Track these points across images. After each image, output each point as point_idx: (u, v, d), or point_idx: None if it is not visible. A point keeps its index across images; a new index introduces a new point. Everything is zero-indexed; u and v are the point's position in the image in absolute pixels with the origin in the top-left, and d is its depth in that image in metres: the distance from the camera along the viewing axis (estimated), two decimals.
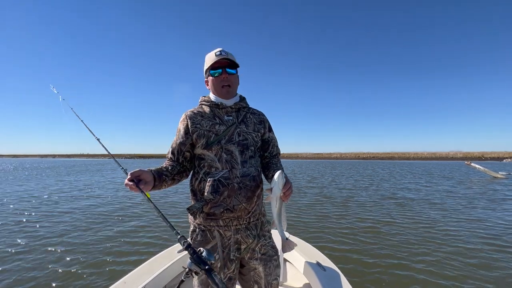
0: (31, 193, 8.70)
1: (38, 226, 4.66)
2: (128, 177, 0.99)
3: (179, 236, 0.90)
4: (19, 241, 3.85)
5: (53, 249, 3.52)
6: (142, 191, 0.98)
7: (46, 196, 7.97)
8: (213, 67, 1.18)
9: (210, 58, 1.18)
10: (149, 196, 1.01)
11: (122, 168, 1.22)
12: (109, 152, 1.43)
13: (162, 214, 0.97)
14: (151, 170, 1.06)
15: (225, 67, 1.18)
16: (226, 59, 1.16)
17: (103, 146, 1.45)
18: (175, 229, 0.93)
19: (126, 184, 0.98)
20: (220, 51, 1.17)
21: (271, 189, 1.08)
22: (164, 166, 1.16)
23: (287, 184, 1.07)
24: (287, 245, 1.19)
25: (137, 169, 1.02)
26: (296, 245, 1.24)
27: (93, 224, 4.76)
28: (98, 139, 1.46)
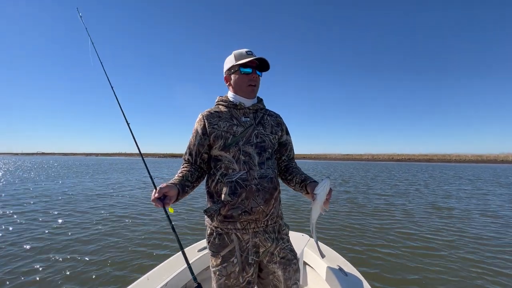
0: (67, 189, 9.46)
1: (65, 221, 4.94)
2: (156, 195, 0.98)
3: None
4: (43, 236, 4.05)
5: (77, 245, 3.69)
6: (165, 209, 1.00)
7: (79, 193, 8.53)
8: (245, 64, 1.17)
9: (241, 55, 1.18)
10: (172, 211, 1.05)
11: (151, 178, 1.26)
12: (138, 149, 1.47)
13: (178, 239, 1.08)
14: (175, 185, 1.06)
15: (255, 68, 1.19)
16: (257, 60, 1.16)
17: (131, 133, 1.47)
18: (189, 265, 1.06)
19: (153, 200, 0.98)
20: (250, 51, 1.18)
21: (311, 195, 1.07)
22: (185, 173, 1.15)
23: (330, 191, 1.05)
24: (323, 250, 1.20)
25: (164, 185, 1.01)
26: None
27: (118, 223, 4.93)
28: (128, 124, 1.49)
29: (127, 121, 1.51)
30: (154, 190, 1.00)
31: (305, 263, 1.98)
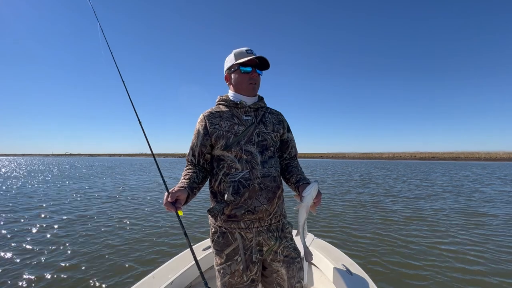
0: (88, 190, 9.91)
1: (72, 223, 4.98)
2: (169, 199, 1.00)
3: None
4: (51, 238, 4.10)
5: (84, 247, 3.74)
6: (176, 213, 1.03)
7: (95, 194, 8.73)
8: (245, 63, 1.17)
9: (241, 54, 1.17)
10: (181, 214, 1.05)
11: (164, 181, 1.25)
12: (151, 150, 1.47)
13: (189, 241, 1.11)
14: (185, 188, 1.07)
15: (255, 67, 1.18)
16: (257, 58, 1.16)
17: (143, 131, 1.46)
18: (200, 269, 1.09)
19: (166, 205, 1.00)
20: (250, 49, 1.18)
21: (299, 197, 1.07)
22: (191, 175, 1.16)
23: (318, 195, 1.04)
24: (309, 254, 1.16)
25: (176, 189, 1.04)
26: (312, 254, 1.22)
27: (123, 223, 4.99)
28: (140, 122, 1.49)
29: (138, 118, 1.50)
30: (166, 194, 1.01)
31: (309, 262, 1.97)
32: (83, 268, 3.05)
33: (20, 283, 2.72)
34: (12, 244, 3.81)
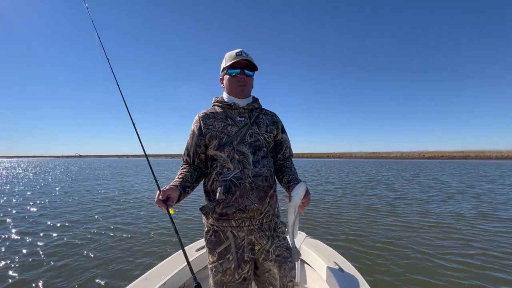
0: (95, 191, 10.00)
1: (73, 223, 4.97)
2: (160, 197, 1.03)
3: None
4: (45, 241, 4.00)
5: (76, 245, 3.76)
6: (167, 210, 1.05)
7: (98, 195, 8.85)
8: (232, 66, 1.19)
9: (230, 57, 1.19)
10: (172, 212, 1.07)
11: (156, 180, 1.28)
12: (143, 148, 1.48)
13: (180, 239, 1.14)
14: (177, 186, 1.09)
15: (243, 68, 1.19)
16: (246, 60, 1.17)
17: (137, 134, 1.47)
18: (189, 265, 1.11)
19: (157, 202, 1.03)
20: (240, 51, 1.19)
21: (288, 197, 1.07)
22: (185, 174, 1.18)
23: (307, 195, 1.05)
24: (297, 254, 1.17)
25: (167, 187, 1.06)
26: (300, 254, 1.22)
27: (118, 224, 4.95)
28: (134, 124, 1.50)
29: (132, 120, 1.52)
30: (158, 192, 1.04)
31: (302, 261, 1.98)
32: (76, 269, 3.03)
33: None
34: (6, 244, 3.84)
